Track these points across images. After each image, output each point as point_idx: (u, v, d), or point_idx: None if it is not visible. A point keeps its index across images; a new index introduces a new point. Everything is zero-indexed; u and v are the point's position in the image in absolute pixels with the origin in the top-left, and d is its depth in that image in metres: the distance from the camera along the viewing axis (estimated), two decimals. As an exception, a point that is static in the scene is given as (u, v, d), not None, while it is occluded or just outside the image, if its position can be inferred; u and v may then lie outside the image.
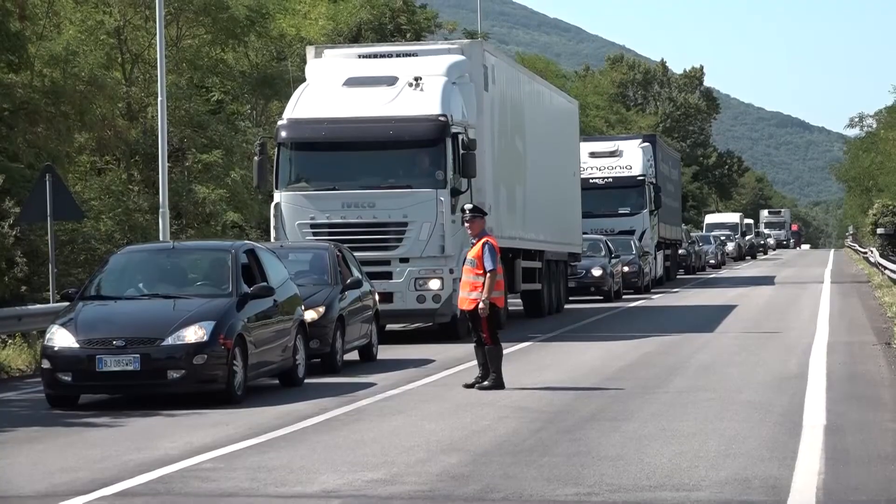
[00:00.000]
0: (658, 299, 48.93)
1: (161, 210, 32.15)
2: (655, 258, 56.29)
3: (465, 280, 20.47)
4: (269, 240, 28.82)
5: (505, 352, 24.68)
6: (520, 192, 35.09)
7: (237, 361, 19.00)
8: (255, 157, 31.25)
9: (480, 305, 19.88)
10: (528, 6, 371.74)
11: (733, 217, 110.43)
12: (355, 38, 49.13)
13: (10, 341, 26.69)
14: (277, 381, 21.22)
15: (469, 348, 22.98)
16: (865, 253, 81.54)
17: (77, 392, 19.19)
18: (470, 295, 20.14)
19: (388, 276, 28.29)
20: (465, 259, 21.13)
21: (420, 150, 29.44)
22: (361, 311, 25.40)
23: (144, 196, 39.32)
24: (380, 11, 60.20)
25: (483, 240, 20.26)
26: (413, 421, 17.09)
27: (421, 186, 28.90)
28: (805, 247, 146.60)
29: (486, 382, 20.00)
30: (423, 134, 29.12)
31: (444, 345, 28.00)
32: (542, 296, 37.68)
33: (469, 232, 20.98)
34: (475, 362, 20.52)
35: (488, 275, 20.01)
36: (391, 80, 30.00)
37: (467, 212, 21.48)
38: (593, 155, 52.56)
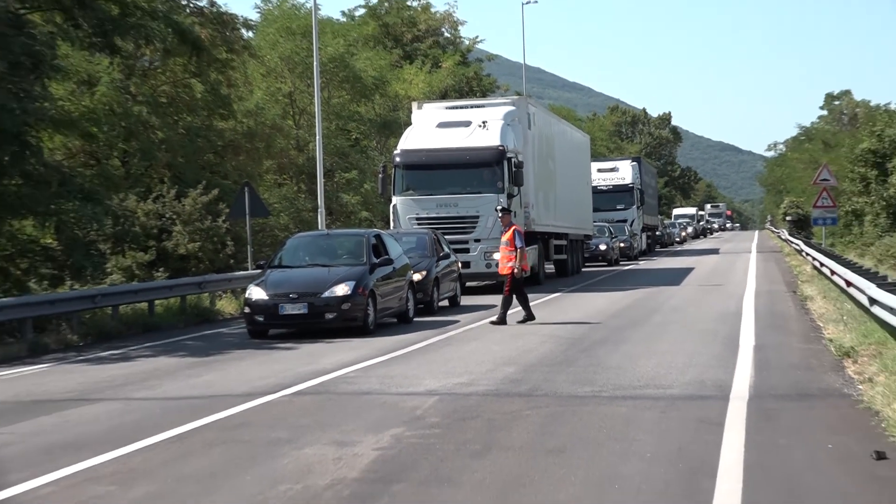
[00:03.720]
0: (643, 264, 54.14)
1: (319, 210, 35.91)
2: (641, 238, 64.26)
3: (501, 255, 23.59)
4: (390, 228, 32.43)
5: (541, 300, 28.37)
6: (551, 195, 39.16)
7: (370, 307, 22.28)
8: (380, 175, 34.53)
9: (516, 270, 22.55)
10: (555, 73, 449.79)
11: (691, 210, 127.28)
12: (443, 96, 52.38)
13: (223, 296, 30.60)
14: (395, 320, 24.21)
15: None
16: (778, 233, 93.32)
17: (267, 328, 22.42)
18: (506, 265, 23.05)
19: (467, 250, 31.05)
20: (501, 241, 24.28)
21: (486, 169, 32.65)
22: (450, 274, 28.60)
23: (308, 200, 42.39)
24: (459, 78, 64.30)
25: (512, 228, 23.29)
26: (484, 345, 19.46)
27: (487, 192, 32.20)
28: (737, 226, 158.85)
29: (494, 319, 22.88)
30: (488, 158, 32.61)
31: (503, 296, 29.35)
32: (566, 263, 42.64)
33: (501, 223, 24.30)
34: (519, 308, 22.76)
35: (519, 250, 22.87)
36: (467, 123, 33.78)
37: (499, 210, 25.10)
38: (599, 171, 59.07)
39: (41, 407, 14.44)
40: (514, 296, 23.17)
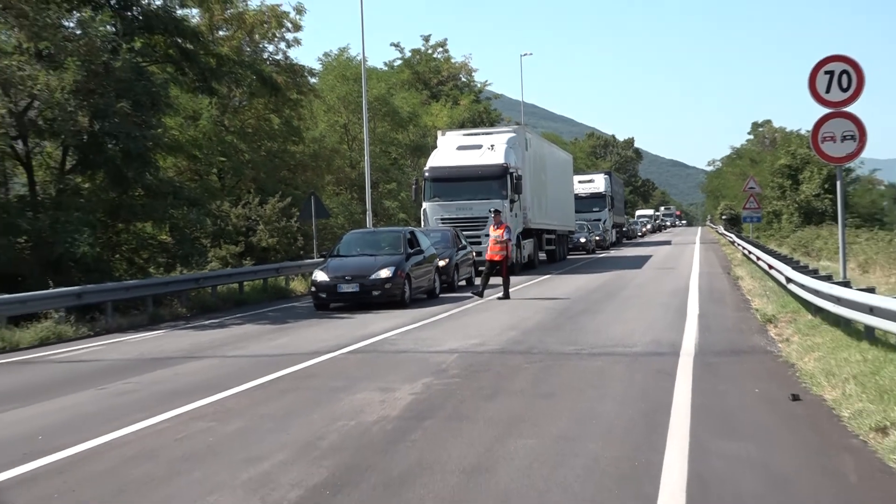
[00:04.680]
0: (613, 253, 52.37)
1: (367, 212, 35.53)
2: (612, 232, 63.15)
3: (492, 246, 23.13)
4: (421, 226, 31.81)
5: (536, 280, 28.16)
6: (543, 200, 38.38)
7: (406, 286, 22.28)
8: (413, 186, 34.08)
9: (513, 256, 23.05)
10: (545, 108, 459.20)
11: (649, 211, 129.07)
12: (461, 126, 52.20)
13: (295, 278, 30.39)
14: (426, 296, 23.92)
15: (514, 280, 25.68)
16: (716, 228, 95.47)
17: (328, 302, 22.30)
18: (496, 254, 22.91)
19: (479, 243, 29.65)
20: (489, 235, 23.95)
21: (494, 181, 32.09)
22: (466, 261, 28.21)
23: (359, 206, 41.31)
24: (473, 113, 64.19)
25: (504, 226, 23.29)
26: (493, 314, 19.29)
27: (494, 199, 31.21)
28: (684, 223, 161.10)
29: (500, 295, 22.59)
30: (495, 173, 32.20)
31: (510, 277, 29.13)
32: (555, 252, 41.91)
33: (493, 221, 23.70)
34: (524, 285, 23.13)
35: (510, 242, 23.23)
36: (479, 146, 33.50)
37: (492, 211, 24.52)
38: (580, 182, 58.35)
39: (158, 363, 14.56)
40: (505, 276, 23.00)
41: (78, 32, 22.92)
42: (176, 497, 6.83)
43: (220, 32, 36.22)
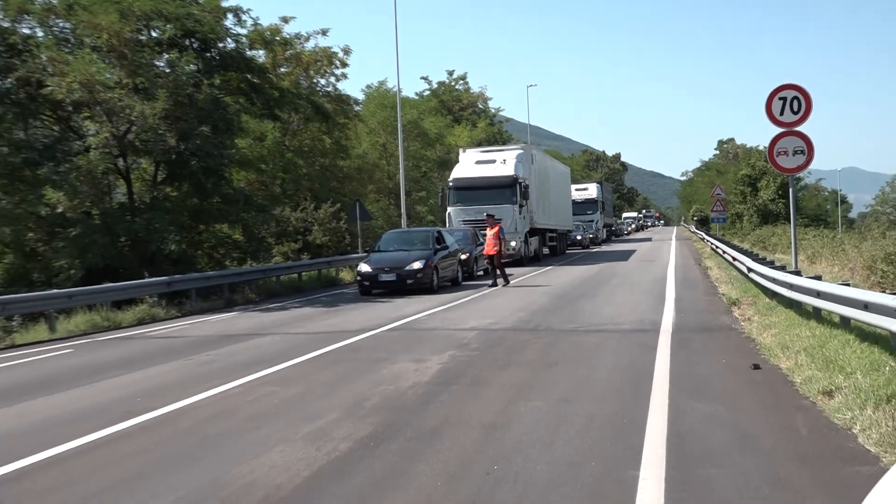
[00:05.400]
0: (604, 248, 51.17)
1: (402, 215, 35.20)
2: (603, 231, 62.10)
3: (488, 243, 23.09)
4: (446, 227, 31.33)
5: (541, 270, 28.00)
6: (546, 205, 37.72)
7: (435, 275, 22.19)
8: (440, 194, 34.33)
9: (504, 252, 23.22)
10: (546, 129, 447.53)
11: (634, 214, 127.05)
12: (479, 144, 51.59)
13: (343, 270, 30.26)
14: (450, 283, 23.66)
15: (522, 271, 26.11)
16: (689, 227, 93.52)
17: (371, 289, 22.12)
18: (492, 249, 22.86)
19: None
20: (485, 234, 23.75)
21: (505, 189, 31.88)
22: (483, 255, 26.74)
23: (395, 210, 40.98)
24: (488, 133, 63.33)
25: (496, 227, 23.15)
26: (505, 299, 19.13)
27: (506, 204, 31.46)
28: (662, 222, 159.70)
29: (501, 284, 22.43)
30: (507, 183, 31.96)
31: (519, 269, 29.30)
32: (556, 247, 41.31)
33: (487, 223, 23.63)
34: (531, 274, 23.01)
35: (504, 240, 23.45)
36: (493, 161, 33.22)
37: (487, 216, 24.58)
38: (576, 190, 57.11)
39: (233, 338, 14.60)
40: (500, 266, 22.92)
41: (167, 70, 23.12)
42: (248, 448, 6.85)
43: (282, 69, 36.19)
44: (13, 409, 9.13)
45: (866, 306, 9.03)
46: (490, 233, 23.14)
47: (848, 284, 10.71)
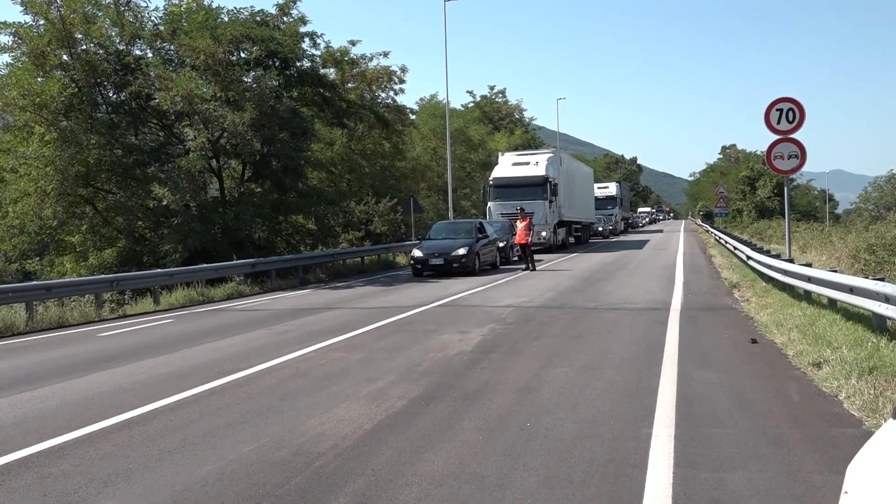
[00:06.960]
0: (622, 238, 50.56)
1: (449, 209, 34.98)
2: (621, 224, 60.51)
3: (519, 233, 22.81)
4: (487, 219, 31.02)
5: (568, 256, 27.63)
6: (572, 201, 37.01)
7: (476, 260, 22.02)
8: (481, 191, 34.29)
9: (534, 239, 22.77)
10: (573, 135, 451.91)
11: (648, 209, 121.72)
12: (515, 149, 51.61)
13: (399, 254, 30.34)
14: (490, 267, 23.41)
15: (551, 256, 25.97)
16: (696, 221, 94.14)
17: (422, 271, 21.97)
18: (523, 238, 22.54)
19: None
20: (517, 226, 23.44)
21: (538, 187, 31.71)
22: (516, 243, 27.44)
23: (443, 204, 41.25)
24: (524, 140, 62.40)
25: (527, 220, 22.95)
26: (537, 280, 18.99)
27: (538, 200, 31.31)
28: (672, 216, 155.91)
29: (531, 269, 22.07)
30: (539, 182, 31.80)
31: (549, 255, 29.41)
32: (581, 237, 40.50)
33: (519, 216, 23.44)
34: (559, 259, 22.84)
35: (533, 230, 23.23)
36: (527, 163, 33.07)
37: (519, 209, 24.33)
38: (598, 188, 55.89)
39: (306, 312, 14.57)
40: (530, 253, 22.57)
41: (253, 85, 23.21)
42: (320, 403, 6.85)
43: (349, 84, 36.22)
44: (126, 369, 9.24)
45: (851, 290, 8.89)
46: (521, 224, 22.89)
47: (835, 271, 10.52)
